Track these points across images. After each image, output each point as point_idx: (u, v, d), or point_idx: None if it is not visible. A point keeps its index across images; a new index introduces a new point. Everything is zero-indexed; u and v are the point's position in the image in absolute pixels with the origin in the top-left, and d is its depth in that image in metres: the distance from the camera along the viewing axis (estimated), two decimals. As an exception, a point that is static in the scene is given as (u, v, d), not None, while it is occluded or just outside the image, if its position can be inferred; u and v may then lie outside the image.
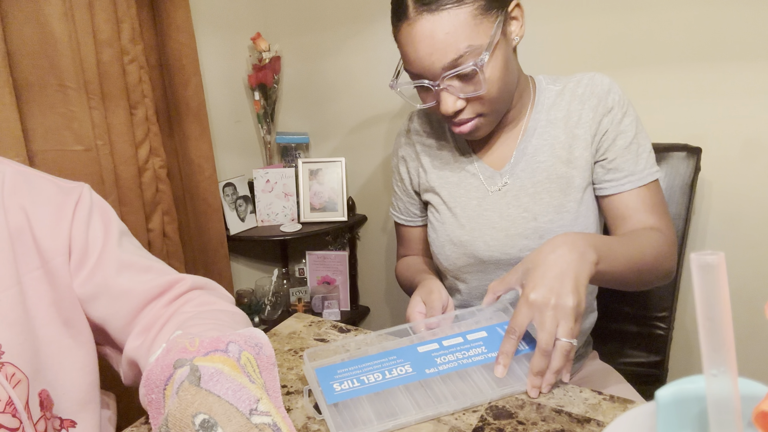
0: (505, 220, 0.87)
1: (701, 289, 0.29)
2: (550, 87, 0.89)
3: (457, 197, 0.92)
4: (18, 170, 0.64)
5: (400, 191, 1.04)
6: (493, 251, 0.88)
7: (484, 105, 0.79)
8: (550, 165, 0.86)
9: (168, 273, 0.69)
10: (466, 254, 0.90)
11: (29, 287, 0.59)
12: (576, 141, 0.84)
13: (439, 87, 0.78)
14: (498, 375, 0.62)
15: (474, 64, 0.74)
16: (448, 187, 0.93)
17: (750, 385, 0.31)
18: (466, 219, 0.90)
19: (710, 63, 1.15)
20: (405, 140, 1.00)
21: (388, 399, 0.60)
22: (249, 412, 0.46)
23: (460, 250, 0.91)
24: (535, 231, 0.85)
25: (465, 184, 0.92)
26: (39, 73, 1.08)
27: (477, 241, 0.88)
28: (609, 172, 0.84)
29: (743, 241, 1.19)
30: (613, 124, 0.83)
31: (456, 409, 0.59)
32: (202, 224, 1.52)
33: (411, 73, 0.81)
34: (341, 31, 1.67)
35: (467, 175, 0.92)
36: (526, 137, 0.88)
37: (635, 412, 0.37)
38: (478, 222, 0.89)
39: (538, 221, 0.85)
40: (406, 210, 1.05)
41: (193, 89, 1.42)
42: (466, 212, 0.91)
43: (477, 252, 0.89)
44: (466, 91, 0.78)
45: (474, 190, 0.91)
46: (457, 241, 0.90)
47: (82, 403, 0.64)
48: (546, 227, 0.85)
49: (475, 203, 0.90)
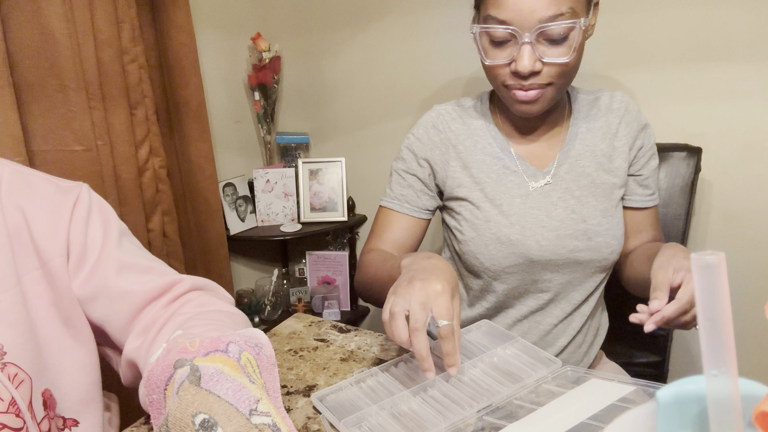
0: (554, 221, 0.87)
1: (702, 289, 0.28)
2: (582, 96, 0.92)
3: (500, 193, 0.89)
4: (16, 170, 0.64)
5: (413, 180, 0.96)
6: (545, 251, 0.87)
7: (558, 75, 0.78)
8: (593, 170, 0.88)
9: (168, 274, 0.69)
10: (515, 254, 0.87)
11: (29, 288, 0.59)
12: (615, 152, 0.89)
13: (526, 41, 0.75)
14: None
15: (573, 23, 0.74)
16: (490, 182, 0.90)
17: (750, 386, 0.31)
18: (516, 217, 0.88)
19: (711, 63, 1.15)
20: (434, 133, 0.94)
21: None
22: (249, 412, 0.46)
23: (508, 249, 0.87)
24: (584, 233, 0.86)
25: (505, 180, 0.89)
26: (39, 74, 1.07)
27: (528, 240, 0.87)
28: (640, 187, 0.92)
29: (743, 242, 1.19)
30: (648, 143, 0.91)
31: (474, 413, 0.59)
32: (202, 224, 1.52)
33: (497, 19, 0.76)
34: (341, 31, 1.67)
35: (507, 171, 0.89)
36: (569, 140, 0.89)
37: (635, 412, 0.37)
38: (528, 221, 0.87)
39: (588, 223, 0.87)
40: (416, 199, 0.96)
41: (193, 89, 1.42)
42: (513, 209, 0.88)
43: (528, 252, 0.87)
44: (550, 54, 0.76)
45: (515, 187, 0.89)
46: (506, 240, 0.87)
47: (84, 403, 0.64)
48: (595, 230, 0.87)
49: (519, 201, 0.88)
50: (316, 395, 0.62)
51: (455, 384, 0.63)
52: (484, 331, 0.77)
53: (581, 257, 0.87)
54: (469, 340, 0.74)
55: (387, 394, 0.61)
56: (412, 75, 1.59)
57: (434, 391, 0.62)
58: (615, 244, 0.88)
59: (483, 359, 0.68)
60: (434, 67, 1.53)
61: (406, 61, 1.58)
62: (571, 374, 0.65)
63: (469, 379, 0.65)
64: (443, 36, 1.50)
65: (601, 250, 0.87)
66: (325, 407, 0.60)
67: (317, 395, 0.62)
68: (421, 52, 1.54)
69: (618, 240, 0.89)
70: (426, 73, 1.56)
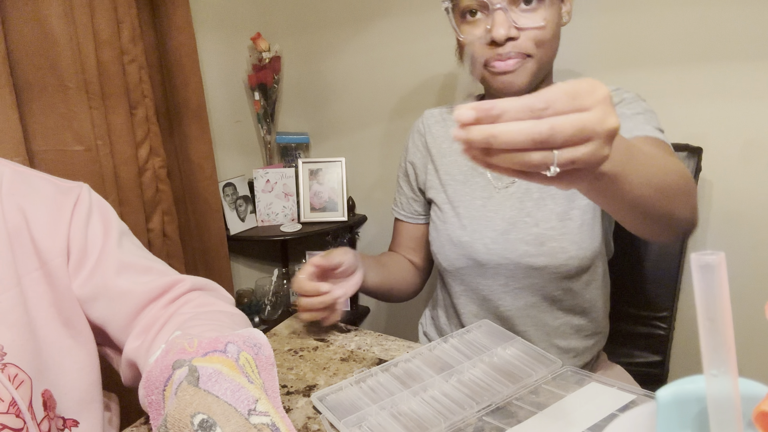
0: (506, 223, 0.86)
1: (701, 289, 0.28)
2: None
3: (462, 195, 0.91)
4: (16, 170, 0.64)
5: (405, 187, 1.03)
6: (492, 254, 0.86)
7: (537, 45, 0.77)
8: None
9: (168, 274, 0.68)
10: (465, 255, 0.89)
11: (29, 288, 0.59)
12: None
13: (498, 6, 0.75)
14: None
15: None
16: (454, 184, 0.92)
17: (750, 385, 0.31)
18: (469, 219, 0.89)
19: (711, 63, 1.15)
20: (417, 137, 1.00)
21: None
22: (248, 412, 0.46)
23: (459, 251, 0.89)
24: (536, 237, 0.84)
25: (471, 182, 0.91)
26: (39, 73, 1.07)
27: (476, 243, 0.87)
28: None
29: (744, 242, 1.19)
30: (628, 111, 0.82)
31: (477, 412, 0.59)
32: (202, 224, 1.52)
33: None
34: (341, 31, 1.67)
35: (475, 173, 0.91)
36: None
37: (635, 412, 0.37)
38: (480, 223, 0.88)
39: (540, 227, 0.84)
40: (409, 206, 1.03)
41: (193, 89, 1.42)
42: (470, 212, 0.90)
43: (475, 254, 0.88)
44: (524, 21, 0.75)
45: (480, 189, 0.90)
46: (457, 241, 0.89)
47: (84, 403, 0.64)
48: (548, 234, 0.83)
49: (480, 203, 0.89)
50: (316, 395, 0.62)
51: (455, 384, 0.63)
52: (484, 330, 0.77)
53: (535, 263, 0.84)
54: (469, 340, 0.74)
55: (387, 394, 0.61)
56: (412, 75, 1.59)
57: (434, 391, 0.62)
58: (573, 250, 0.82)
59: (483, 359, 0.68)
60: (434, 67, 1.53)
61: (406, 61, 1.58)
62: (571, 375, 0.65)
63: (469, 379, 0.65)
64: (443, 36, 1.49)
65: (557, 256, 0.82)
66: (325, 407, 0.60)
67: (317, 395, 0.62)
68: (421, 52, 1.54)
69: (578, 245, 0.82)
70: (426, 73, 1.56)
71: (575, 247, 0.82)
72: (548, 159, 0.39)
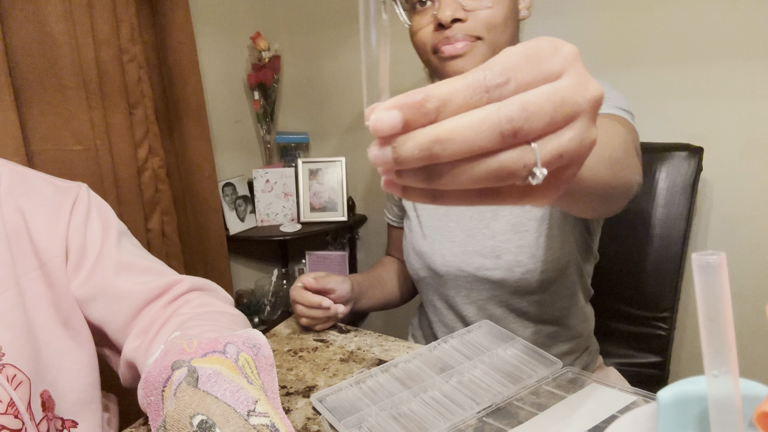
0: (464, 235, 0.84)
1: (702, 289, 0.28)
2: None
3: (426, 205, 0.89)
4: (15, 170, 0.64)
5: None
6: (449, 267, 0.84)
7: (486, 28, 0.73)
8: None
9: (167, 274, 0.68)
10: (425, 266, 0.88)
11: (27, 288, 0.59)
12: None
13: None
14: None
15: None
16: None
17: (751, 386, 0.31)
18: (430, 229, 0.88)
19: (711, 63, 1.15)
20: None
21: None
22: (247, 413, 0.46)
23: (421, 261, 0.89)
24: (492, 250, 0.80)
25: None
26: (38, 73, 1.07)
27: (435, 254, 0.86)
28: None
29: (745, 242, 1.19)
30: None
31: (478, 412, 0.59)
32: (202, 224, 1.52)
33: None
34: (341, 31, 1.67)
35: None
36: None
37: (636, 413, 0.36)
38: (440, 233, 0.87)
39: (496, 239, 0.80)
40: (392, 211, 1.05)
41: (193, 89, 1.42)
42: (431, 221, 0.88)
43: (434, 265, 0.86)
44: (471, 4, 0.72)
45: None
46: (419, 251, 0.89)
47: (83, 404, 0.64)
48: (503, 246, 0.79)
49: (441, 213, 0.87)
50: (315, 396, 0.62)
51: (455, 385, 0.63)
52: (484, 331, 0.76)
53: (492, 276, 0.81)
54: (470, 341, 0.74)
55: (387, 395, 0.61)
56: (411, 75, 1.59)
57: (434, 391, 0.62)
58: (530, 264, 0.77)
59: (483, 360, 0.68)
60: (434, 66, 1.53)
61: (406, 61, 1.58)
62: (571, 376, 0.65)
63: (469, 380, 0.64)
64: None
65: (513, 270, 0.78)
66: (324, 408, 0.60)
67: (317, 396, 0.62)
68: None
69: (536, 259, 0.77)
70: (426, 73, 1.56)
71: (532, 260, 0.78)
72: (527, 157, 0.26)
